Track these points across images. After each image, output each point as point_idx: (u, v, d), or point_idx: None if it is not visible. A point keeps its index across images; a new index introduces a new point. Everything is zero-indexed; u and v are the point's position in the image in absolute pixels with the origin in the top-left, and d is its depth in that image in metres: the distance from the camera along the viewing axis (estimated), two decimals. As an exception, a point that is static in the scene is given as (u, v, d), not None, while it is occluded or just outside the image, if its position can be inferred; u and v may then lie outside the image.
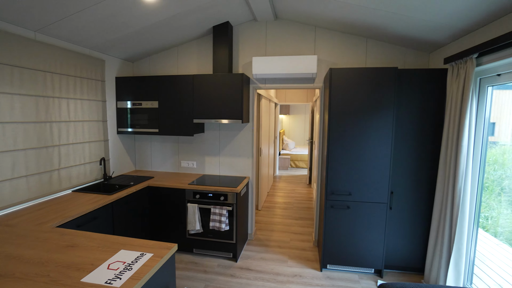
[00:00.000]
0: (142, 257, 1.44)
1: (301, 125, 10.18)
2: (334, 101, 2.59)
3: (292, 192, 5.84)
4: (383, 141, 2.55)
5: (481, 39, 2.12)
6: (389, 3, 2.15)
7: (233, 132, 3.43)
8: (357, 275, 2.76)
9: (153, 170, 3.73)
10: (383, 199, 2.60)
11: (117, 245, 1.57)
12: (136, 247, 1.56)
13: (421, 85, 2.57)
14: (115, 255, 1.46)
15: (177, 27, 2.89)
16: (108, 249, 1.52)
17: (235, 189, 2.85)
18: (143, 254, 1.48)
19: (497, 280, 2.57)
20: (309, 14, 2.84)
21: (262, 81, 3.31)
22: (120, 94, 3.28)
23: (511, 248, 2.74)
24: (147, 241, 1.63)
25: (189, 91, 3.09)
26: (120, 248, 1.53)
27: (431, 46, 2.77)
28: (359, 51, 3.08)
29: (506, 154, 2.54)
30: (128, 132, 3.30)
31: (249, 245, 3.38)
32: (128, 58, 3.43)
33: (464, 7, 1.92)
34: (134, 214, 2.86)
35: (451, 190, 2.29)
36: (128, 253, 1.49)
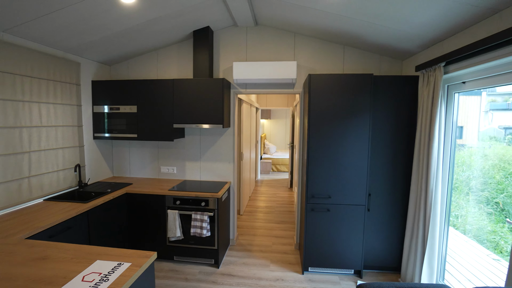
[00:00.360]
0: (119, 267, 1.40)
1: (282, 130, 10.29)
2: (313, 106, 2.66)
3: (273, 196, 5.87)
4: (361, 145, 2.63)
5: (448, 49, 2.26)
6: (364, 13, 2.25)
7: (214, 137, 3.42)
8: (337, 277, 2.82)
9: (131, 176, 3.63)
10: (361, 201, 2.68)
11: (93, 256, 1.51)
12: (113, 257, 1.50)
13: (395, 91, 2.69)
14: (91, 266, 1.40)
15: (156, 31, 2.85)
16: (82, 260, 1.46)
17: (216, 194, 2.83)
18: (121, 264, 1.43)
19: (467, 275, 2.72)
20: (288, 21, 2.91)
21: (243, 86, 3.33)
22: (96, 98, 3.17)
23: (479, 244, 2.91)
24: (125, 250, 1.58)
25: (169, 95, 3.04)
26: (96, 259, 1.48)
27: (403, 54, 2.92)
28: (337, 58, 3.18)
29: (472, 156, 2.71)
30: (105, 137, 3.19)
31: (231, 251, 3.36)
32: (105, 61, 3.33)
33: (432, 18, 2.05)
34: (112, 223, 2.76)
35: (424, 190, 2.41)
36: (105, 263, 1.43)
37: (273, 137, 10.39)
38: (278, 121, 10.30)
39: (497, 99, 2.85)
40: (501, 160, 2.60)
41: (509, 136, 2.67)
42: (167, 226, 2.92)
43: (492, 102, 2.82)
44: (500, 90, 2.79)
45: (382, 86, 2.69)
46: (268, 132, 10.40)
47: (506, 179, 2.51)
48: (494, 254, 2.81)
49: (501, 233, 2.60)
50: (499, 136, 2.76)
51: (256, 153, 7.05)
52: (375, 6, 2.11)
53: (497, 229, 2.64)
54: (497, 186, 2.58)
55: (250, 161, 5.70)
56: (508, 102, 2.76)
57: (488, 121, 2.81)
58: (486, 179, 2.68)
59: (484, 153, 2.73)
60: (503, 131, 2.72)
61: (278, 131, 10.33)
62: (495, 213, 2.62)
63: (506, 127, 2.73)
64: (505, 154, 2.61)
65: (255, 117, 6.60)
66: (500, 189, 2.54)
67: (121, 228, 2.93)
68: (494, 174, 2.63)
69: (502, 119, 2.75)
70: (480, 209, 2.78)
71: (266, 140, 9.97)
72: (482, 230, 2.82)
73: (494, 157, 2.66)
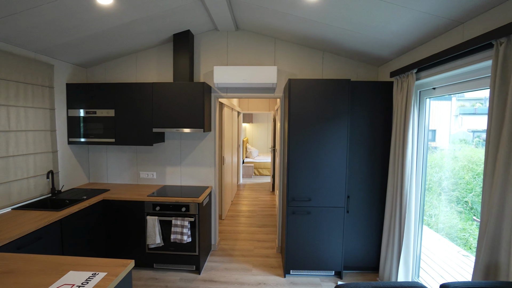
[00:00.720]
0: (94, 278, 1.34)
1: (264, 133, 10.35)
2: (293, 110, 2.70)
3: (256, 199, 5.88)
4: (339, 148, 2.70)
5: (419, 57, 2.38)
6: (342, 20, 2.33)
7: (195, 141, 3.38)
8: (318, 278, 2.85)
9: (109, 182, 3.51)
10: (340, 203, 2.74)
11: (65, 266, 1.44)
12: (87, 267, 1.44)
13: (372, 96, 2.79)
14: (63, 278, 1.34)
15: (135, 33, 2.80)
16: (54, 272, 1.39)
17: (197, 199, 2.80)
18: (96, 274, 1.38)
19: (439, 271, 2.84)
20: (269, 26, 2.95)
21: (223, 90, 3.33)
22: (71, 102, 3.05)
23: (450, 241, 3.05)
24: (101, 259, 1.53)
25: (148, 99, 2.99)
26: (68, 270, 1.41)
27: (379, 60, 3.04)
28: (316, 63, 3.26)
29: (444, 158, 2.85)
30: (80, 142, 3.07)
31: (213, 256, 3.32)
32: (81, 63, 3.22)
33: (403, 27, 2.15)
34: (88, 231, 2.65)
35: (399, 192, 2.50)
36: (78, 274, 1.38)
37: (255, 141, 10.42)
38: (260, 125, 10.35)
39: (465, 104, 3.03)
40: (469, 162, 2.75)
41: (477, 139, 2.85)
42: (146, 233, 2.85)
43: (461, 107, 3.00)
44: (468, 95, 2.97)
45: (359, 91, 2.78)
46: (250, 136, 10.42)
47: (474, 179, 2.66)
48: (464, 251, 2.96)
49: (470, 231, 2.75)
50: (468, 138, 2.94)
51: (238, 157, 7.04)
52: (352, 15, 2.19)
53: (467, 226, 2.79)
54: (466, 186, 2.73)
55: (232, 165, 5.68)
56: (475, 107, 2.95)
57: (458, 125, 2.98)
58: (457, 180, 2.83)
59: (455, 155, 2.88)
60: (472, 134, 2.90)
61: (260, 135, 10.38)
62: (465, 212, 2.76)
63: (474, 130, 2.91)
64: (473, 155, 2.77)
65: (237, 121, 6.60)
66: (469, 189, 2.69)
67: (98, 236, 2.82)
68: (464, 175, 2.78)
69: (471, 122, 2.92)
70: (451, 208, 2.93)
71: (248, 144, 9.99)
72: (453, 228, 2.96)
73: (463, 158, 2.81)
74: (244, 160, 8.72)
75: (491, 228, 1.45)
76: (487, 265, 1.47)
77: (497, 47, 1.50)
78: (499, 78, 1.47)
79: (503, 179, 1.42)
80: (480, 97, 2.91)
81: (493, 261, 1.45)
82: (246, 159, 8.99)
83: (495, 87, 1.49)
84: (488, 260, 1.46)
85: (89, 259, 1.52)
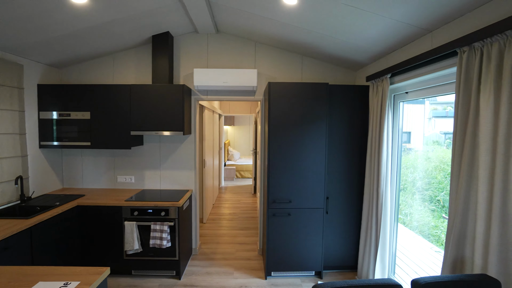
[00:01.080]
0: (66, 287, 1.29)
1: (246, 136, 10.36)
2: (273, 112, 2.73)
3: (237, 202, 5.86)
4: (318, 150, 2.76)
5: (393, 62, 2.49)
6: (320, 26, 2.39)
7: (175, 144, 3.33)
8: (299, 279, 2.89)
9: (84, 187, 3.37)
10: (320, 204, 2.80)
11: (34, 277, 1.37)
12: (59, 277, 1.38)
13: (349, 99, 2.88)
14: (31, 289, 1.27)
15: (112, 34, 2.73)
16: (21, 284, 1.32)
17: (176, 203, 2.75)
18: (67, 283, 1.32)
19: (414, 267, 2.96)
20: (249, 30, 2.97)
21: (204, 93, 3.31)
22: (43, 104, 2.92)
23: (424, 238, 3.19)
24: (73, 267, 1.47)
25: (126, 101, 2.91)
26: (38, 280, 1.34)
27: (356, 65, 3.14)
28: (296, 67, 3.32)
29: (418, 159, 2.99)
30: (53, 146, 2.94)
31: (194, 260, 3.27)
32: (54, 63, 3.09)
33: (378, 34, 2.24)
34: (61, 239, 2.53)
35: (375, 191, 2.59)
36: (48, 284, 1.31)
37: (237, 144, 10.41)
38: (241, 128, 10.35)
39: (438, 107, 3.20)
40: (441, 162, 2.91)
41: (448, 141, 3.02)
42: (124, 239, 2.76)
43: (434, 110, 3.17)
44: (441, 99, 3.15)
45: (337, 95, 2.86)
46: (232, 138, 10.40)
47: (445, 178, 2.81)
48: (436, 247, 3.11)
49: (441, 228, 2.90)
50: (440, 140, 3.10)
51: (220, 159, 7.00)
52: (329, 20, 2.25)
53: (439, 224, 2.93)
54: (438, 185, 2.88)
55: (214, 168, 5.64)
56: (447, 110, 3.13)
57: (431, 127, 3.14)
58: (430, 179, 2.97)
59: (428, 156, 3.03)
60: (443, 136, 3.07)
61: (242, 137, 10.38)
62: (437, 210, 2.91)
63: (445, 132, 3.08)
64: (444, 156, 2.93)
65: (218, 124, 6.57)
66: (441, 188, 2.84)
67: (72, 244, 2.70)
68: (436, 175, 2.93)
69: (443, 125, 3.09)
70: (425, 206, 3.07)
71: (230, 147, 9.95)
72: (427, 225, 3.11)
73: (436, 159, 2.97)
74: (226, 163, 8.68)
75: (457, 225, 1.54)
76: (454, 259, 1.55)
77: (461, 55, 1.60)
78: (463, 84, 1.57)
79: (468, 178, 1.51)
80: (451, 101, 3.09)
81: (460, 256, 1.54)
82: (228, 161, 8.95)
83: (460, 92, 1.59)
84: (455, 255, 1.55)
85: (60, 268, 1.46)
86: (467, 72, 1.56)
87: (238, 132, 10.38)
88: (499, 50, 1.39)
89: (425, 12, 1.79)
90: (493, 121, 1.40)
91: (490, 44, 1.43)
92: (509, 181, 1.30)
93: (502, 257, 1.33)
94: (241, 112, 6.85)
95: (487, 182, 1.40)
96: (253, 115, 6.90)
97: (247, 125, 10.31)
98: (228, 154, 9.16)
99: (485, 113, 1.42)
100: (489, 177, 1.40)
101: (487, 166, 1.40)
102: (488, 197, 1.40)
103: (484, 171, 1.41)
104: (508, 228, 1.30)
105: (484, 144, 1.42)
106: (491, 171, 1.39)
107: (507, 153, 1.31)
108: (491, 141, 1.40)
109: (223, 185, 7.59)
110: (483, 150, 1.42)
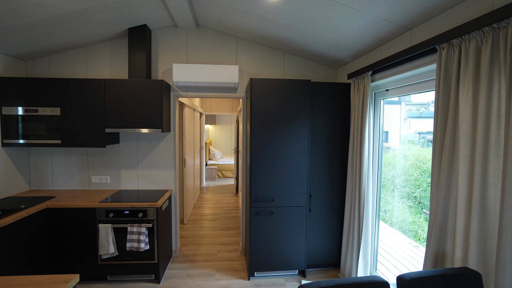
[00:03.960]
0: (26, 298, 1.16)
1: (228, 135, 10.25)
2: (255, 109, 2.68)
3: (219, 202, 5.76)
4: (301, 147, 2.74)
5: (373, 60, 2.51)
6: (301, 21, 2.36)
7: (153, 142, 3.19)
8: (283, 279, 2.85)
9: (54, 189, 3.15)
10: (303, 202, 2.78)
11: (-10, 288, 1.23)
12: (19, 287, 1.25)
13: (331, 97, 2.88)
14: (-14, 302, 1.14)
15: (84, 24, 2.55)
16: (-25, 295, 1.18)
17: (155, 203, 2.63)
18: (29, 293, 1.20)
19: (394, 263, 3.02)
20: (230, 25, 2.90)
21: (183, 89, 3.20)
22: (6, 98, 2.69)
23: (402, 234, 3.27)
24: (36, 276, 1.33)
25: (100, 97, 2.75)
26: (-6, 291, 1.21)
27: (337, 63, 3.15)
28: (277, 64, 3.28)
29: (396, 157, 3.05)
30: (19, 144, 2.72)
31: (174, 263, 3.15)
32: (18, 55, 2.86)
33: (359, 31, 2.25)
34: (27, 245, 2.34)
35: (357, 189, 2.60)
36: (7, 295, 1.18)
37: (219, 143, 10.27)
38: (223, 127, 10.23)
39: (412, 108, 3.30)
40: (417, 160, 2.99)
41: (422, 140, 3.12)
42: (98, 243, 2.60)
43: (409, 110, 3.26)
44: (415, 100, 3.24)
45: (319, 92, 2.85)
46: (213, 137, 10.25)
47: (421, 176, 2.89)
48: (414, 242, 3.20)
49: (418, 223, 2.98)
50: (415, 139, 3.20)
51: (201, 159, 6.86)
52: (310, 16, 2.22)
53: (416, 219, 3.01)
54: (415, 182, 2.95)
55: (194, 168, 5.51)
56: (421, 111, 3.23)
57: (407, 127, 3.24)
58: (407, 177, 3.05)
59: (405, 154, 3.11)
60: (418, 136, 3.16)
61: (224, 136, 10.25)
62: (414, 206, 2.99)
63: (419, 132, 3.18)
64: (420, 154, 3.01)
65: (199, 122, 6.43)
66: (417, 185, 2.92)
67: (40, 251, 2.50)
68: (413, 172, 3.01)
69: (417, 125, 3.19)
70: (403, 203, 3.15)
71: (211, 146, 9.80)
72: (405, 221, 3.18)
73: (412, 157, 3.05)
74: (207, 163, 8.53)
75: (438, 219, 1.55)
76: (436, 254, 1.57)
77: (440, 51, 1.62)
78: (443, 80, 1.59)
79: (448, 173, 1.53)
80: (424, 102, 3.20)
81: (441, 250, 1.56)
82: (209, 161, 8.80)
83: (439, 88, 1.61)
84: (436, 249, 1.57)
85: (21, 277, 1.32)
86: (446, 69, 1.58)
87: (219, 132, 10.24)
88: (477, 47, 1.41)
89: (405, 9, 1.80)
90: (471, 115, 1.42)
91: (468, 41, 1.46)
92: (487, 174, 1.32)
93: (481, 249, 1.35)
94: (223, 110, 6.75)
95: (467, 176, 1.42)
96: (234, 114, 6.82)
97: (228, 124, 10.19)
98: (210, 154, 9.01)
99: (464, 108, 1.44)
100: (469, 171, 1.42)
101: (466, 161, 1.43)
102: (467, 191, 1.42)
103: (463, 165, 1.43)
104: (487, 221, 1.32)
105: (463, 139, 1.44)
106: (470, 165, 1.42)
107: (486, 147, 1.34)
108: (470, 136, 1.42)
109: (205, 185, 7.45)
110: (462, 145, 1.44)
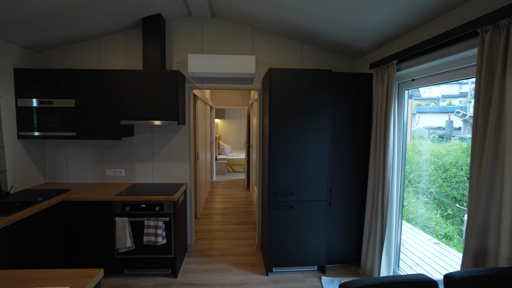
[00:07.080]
0: (52, 294, 1.12)
1: (237, 130, 10.17)
2: (274, 101, 2.58)
3: (230, 197, 5.72)
4: (321, 140, 2.64)
5: (399, 48, 2.38)
6: (321, 7, 2.23)
7: (168, 135, 3.13)
8: (302, 274, 2.79)
9: (70, 181, 3.13)
10: (323, 196, 2.69)
11: (12, 284, 1.19)
12: (43, 282, 1.20)
13: (351, 88, 2.76)
14: (11, 297, 1.09)
15: (98, 13, 2.48)
16: (-1, 290, 1.13)
17: (172, 197, 2.58)
18: (54, 289, 1.15)
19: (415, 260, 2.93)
20: (246, 14, 2.79)
21: (198, 80, 3.12)
22: (21, 90, 2.65)
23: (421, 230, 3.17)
24: (60, 270, 1.29)
25: (114, 88, 2.69)
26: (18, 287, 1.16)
27: (357, 53, 3.03)
28: (295, 55, 3.17)
29: (410, 152, 2.95)
30: (34, 136, 2.69)
31: (190, 257, 3.12)
32: (32, 46, 2.81)
33: (385, 17, 2.12)
34: (45, 238, 2.32)
35: (381, 183, 2.50)
36: (32, 291, 1.14)
37: (228, 138, 10.21)
38: (232, 121, 10.15)
39: (421, 103, 3.19)
40: (431, 155, 2.89)
41: (432, 135, 3.02)
42: (115, 236, 2.57)
43: (418, 106, 3.15)
44: (424, 95, 3.14)
45: (339, 83, 2.74)
46: (222, 132, 10.18)
47: (436, 171, 2.79)
48: (434, 239, 3.10)
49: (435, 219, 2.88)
50: (425, 135, 3.10)
51: (212, 153, 6.82)
52: (332, 0, 2.10)
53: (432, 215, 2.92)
54: (430, 178, 2.85)
55: (206, 162, 5.46)
56: (430, 106, 3.12)
57: (415, 122, 3.14)
58: (421, 172, 2.95)
59: (418, 149, 3.02)
60: (427, 131, 3.07)
61: (233, 131, 10.18)
62: (430, 202, 2.89)
63: (429, 128, 3.09)
64: (434, 149, 2.91)
65: (210, 116, 6.36)
66: (432, 180, 2.82)
67: (58, 244, 2.49)
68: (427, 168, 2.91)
69: (426, 120, 3.09)
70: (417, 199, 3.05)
71: (221, 141, 9.75)
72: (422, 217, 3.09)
73: (426, 152, 2.95)
74: (217, 157, 8.49)
75: (480, 215, 1.45)
76: (477, 251, 1.47)
77: (483, 35, 1.50)
78: (485, 66, 1.47)
79: (491, 166, 1.42)
80: (434, 96, 3.09)
81: (482, 248, 1.46)
82: (219, 156, 8.76)
83: (482, 75, 1.50)
84: (477, 247, 1.47)
85: (45, 271, 1.28)
86: (489, 53, 1.46)
87: (228, 126, 10.17)
88: (529, 28, 1.29)
89: (443, -10, 1.68)
90: (522, 104, 1.31)
91: (518, 22, 1.34)
92: (541, 167, 1.22)
93: (531, 248, 1.25)
94: (233, 104, 6.66)
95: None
96: (245, 108, 6.72)
97: (237, 118, 10.10)
98: (219, 148, 8.96)
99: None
100: (517, 164, 1.31)
101: (515, 152, 1.32)
102: (516, 185, 1.32)
103: (511, 158, 1.33)
104: (540, 218, 1.22)
105: (511, 129, 1.33)
106: (519, 157, 1.31)
107: (540, 138, 1.23)
108: (520, 126, 1.31)
109: (215, 180, 7.41)
110: (510, 135, 1.33)
